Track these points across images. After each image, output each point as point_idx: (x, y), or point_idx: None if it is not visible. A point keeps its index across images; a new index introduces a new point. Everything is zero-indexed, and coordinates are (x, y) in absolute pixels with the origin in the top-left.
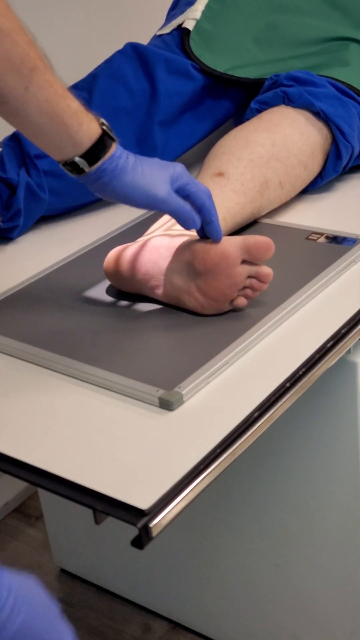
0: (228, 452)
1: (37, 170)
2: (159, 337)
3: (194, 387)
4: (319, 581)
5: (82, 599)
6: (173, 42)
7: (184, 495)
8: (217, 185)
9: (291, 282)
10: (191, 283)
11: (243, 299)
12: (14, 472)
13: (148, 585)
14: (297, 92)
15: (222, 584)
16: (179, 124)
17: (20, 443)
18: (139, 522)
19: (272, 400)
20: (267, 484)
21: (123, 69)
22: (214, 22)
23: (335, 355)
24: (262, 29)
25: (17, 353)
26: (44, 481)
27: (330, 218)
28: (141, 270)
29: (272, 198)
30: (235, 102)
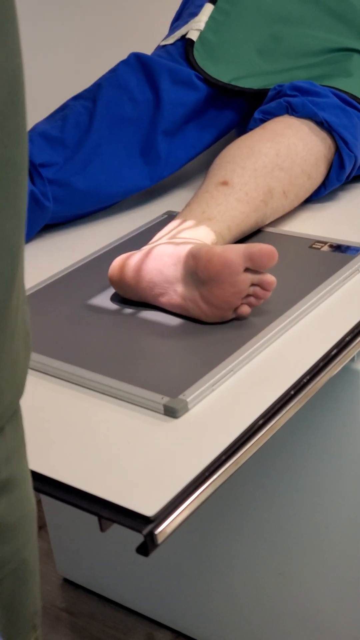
0: (233, 459)
1: (42, 179)
2: (163, 345)
3: (198, 394)
4: (323, 589)
5: (86, 609)
6: (177, 52)
7: (189, 502)
8: (221, 194)
9: (295, 291)
10: (195, 291)
11: (247, 307)
12: None
13: (151, 594)
14: (300, 102)
15: (226, 593)
16: (183, 134)
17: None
18: (145, 529)
19: (277, 407)
20: (271, 492)
21: (127, 79)
22: (217, 33)
23: (339, 363)
24: (266, 39)
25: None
26: (50, 488)
27: (333, 227)
28: (145, 278)
29: (276, 207)
30: (238, 112)
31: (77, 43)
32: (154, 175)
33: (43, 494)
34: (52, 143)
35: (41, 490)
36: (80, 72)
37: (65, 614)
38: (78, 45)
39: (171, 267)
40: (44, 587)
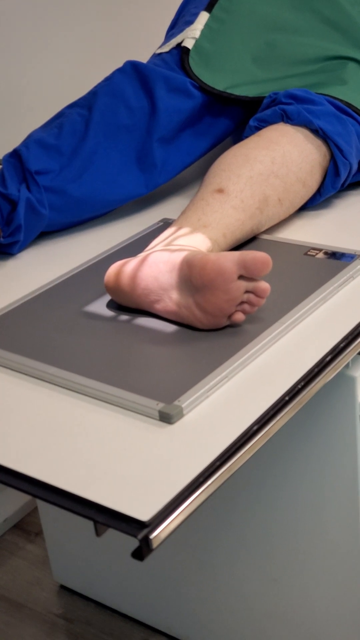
0: (228, 464)
1: (38, 186)
2: (158, 351)
3: (193, 400)
4: (318, 595)
5: (82, 615)
6: (172, 60)
7: (184, 507)
8: (217, 201)
9: (290, 298)
10: (189, 298)
11: (241, 314)
12: (15, 484)
13: (147, 600)
14: (295, 109)
15: (221, 598)
16: (179, 141)
17: (21, 456)
18: (140, 534)
19: (271, 413)
20: (266, 498)
21: (123, 87)
22: (213, 41)
23: (333, 369)
24: (261, 48)
25: (18, 367)
26: (45, 493)
27: (328, 234)
28: (141, 285)
29: (271, 215)
30: (234, 119)
31: (73, 51)
32: (149, 182)
33: (39, 499)
34: (48, 150)
35: (37, 496)
36: (76, 80)
37: (61, 621)
38: (74, 53)
39: (166, 274)
40: (41, 594)
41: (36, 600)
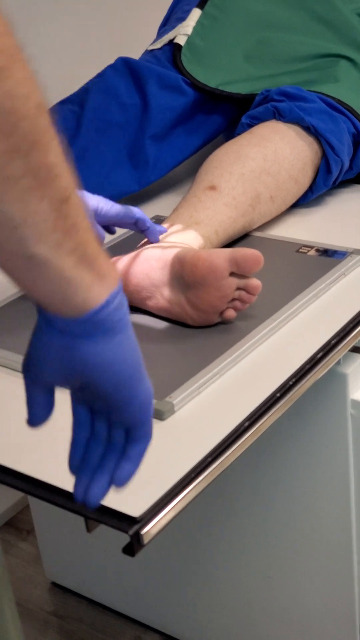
0: (219, 461)
1: None
2: (150, 348)
3: (185, 397)
4: (310, 592)
5: (74, 612)
6: (164, 57)
7: (175, 503)
8: (209, 198)
9: (281, 294)
10: (181, 295)
11: (232, 311)
12: (6, 480)
13: (140, 597)
14: (287, 107)
15: (214, 595)
16: (171, 139)
17: (12, 452)
18: (131, 530)
19: (262, 410)
20: (258, 495)
21: (115, 84)
22: (205, 38)
23: (325, 366)
24: (253, 45)
25: (9, 364)
26: (37, 490)
27: (320, 232)
28: (133, 281)
29: (263, 212)
30: (226, 116)
31: (65, 47)
32: (142, 179)
33: (30, 495)
34: None
35: (28, 492)
36: (68, 76)
37: (54, 618)
38: (66, 49)
39: (158, 271)
40: (33, 592)
41: (28, 597)
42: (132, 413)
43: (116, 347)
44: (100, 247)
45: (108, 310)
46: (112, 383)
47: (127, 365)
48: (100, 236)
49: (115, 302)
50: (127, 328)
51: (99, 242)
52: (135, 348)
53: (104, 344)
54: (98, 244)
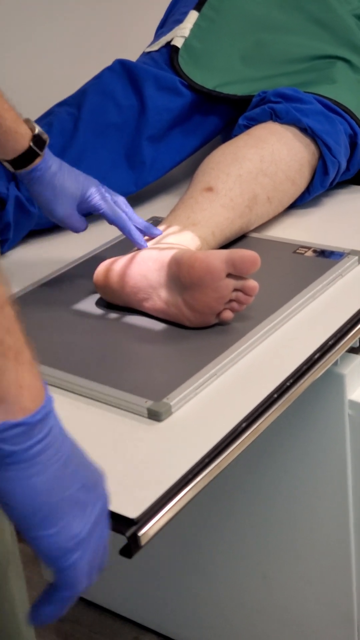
0: (216, 462)
1: None
2: (147, 349)
3: (182, 398)
4: (307, 593)
5: (71, 614)
6: (162, 59)
7: (172, 504)
8: (206, 200)
9: (278, 295)
10: (178, 296)
11: (229, 312)
12: None
13: (137, 599)
14: (284, 108)
15: (211, 596)
16: (168, 140)
17: None
18: (128, 531)
19: (260, 411)
20: (255, 495)
21: (112, 85)
22: (202, 40)
23: (322, 367)
24: (250, 47)
25: None
26: None
27: (317, 232)
28: (130, 283)
29: (260, 213)
30: (223, 118)
31: (63, 50)
32: (139, 181)
33: None
34: None
35: None
36: (65, 78)
37: None
38: (63, 51)
39: (155, 272)
40: (30, 593)
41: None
42: (39, 555)
43: (4, 481)
44: (19, 372)
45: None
46: (6, 513)
47: (17, 506)
48: (82, 226)
49: (9, 433)
50: (32, 467)
51: (19, 366)
52: (38, 493)
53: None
54: (16, 366)
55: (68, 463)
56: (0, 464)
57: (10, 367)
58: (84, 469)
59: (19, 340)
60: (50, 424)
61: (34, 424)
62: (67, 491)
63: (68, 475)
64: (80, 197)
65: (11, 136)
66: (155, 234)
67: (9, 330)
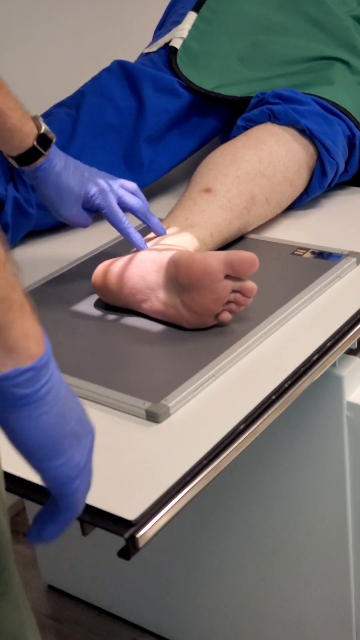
0: (214, 463)
1: (25, 186)
2: (145, 351)
3: (180, 399)
4: (306, 595)
5: (70, 615)
6: (160, 60)
7: (170, 506)
8: (204, 201)
9: (277, 297)
10: (176, 298)
11: (228, 314)
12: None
13: (136, 600)
14: (282, 109)
15: (210, 598)
16: (166, 141)
17: (7, 455)
18: (126, 533)
19: (258, 412)
20: (254, 497)
21: (110, 86)
22: (200, 41)
23: (320, 368)
24: (248, 48)
25: None
26: (33, 493)
27: (315, 234)
28: (128, 284)
29: (258, 214)
30: (221, 119)
31: (61, 51)
32: (137, 182)
33: (26, 498)
34: None
35: (24, 495)
36: (64, 79)
37: (50, 621)
38: (61, 52)
39: (153, 274)
40: (29, 595)
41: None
42: (47, 484)
43: (18, 420)
44: (24, 323)
45: (8, 383)
46: (19, 450)
47: (29, 442)
48: (87, 223)
49: (21, 378)
50: (41, 406)
51: (24, 317)
52: (47, 429)
53: (8, 413)
54: (21, 317)
55: (66, 401)
56: (13, 406)
57: (17, 319)
58: (76, 405)
59: (21, 293)
60: (51, 367)
61: (40, 368)
62: (68, 426)
63: (67, 411)
64: (84, 197)
65: (16, 134)
66: (160, 232)
67: (12, 285)
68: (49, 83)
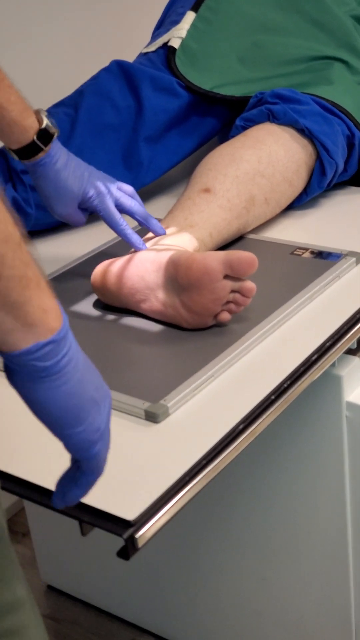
0: (213, 463)
1: (24, 186)
2: (144, 351)
3: (179, 399)
4: (306, 595)
5: (69, 615)
6: (159, 60)
7: (170, 506)
8: (203, 201)
9: (276, 297)
10: (175, 298)
11: (227, 314)
12: (1, 484)
13: (135, 600)
14: (281, 109)
15: (209, 598)
16: (165, 141)
17: (7, 456)
18: (125, 533)
19: (257, 412)
20: (252, 497)
21: (109, 86)
22: (199, 41)
23: (319, 368)
24: (247, 48)
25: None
26: (32, 493)
27: (315, 234)
28: (127, 284)
29: (257, 214)
30: (220, 119)
31: (59, 51)
32: (136, 182)
33: (25, 499)
34: None
35: (23, 496)
36: (62, 79)
37: (49, 621)
38: (60, 52)
39: (152, 274)
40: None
41: None
42: (70, 449)
43: (41, 391)
44: (41, 298)
45: (29, 357)
46: (42, 420)
47: (53, 411)
48: (80, 221)
49: (42, 351)
50: (62, 377)
51: (41, 293)
52: (69, 397)
53: (31, 385)
54: (38, 294)
55: (85, 370)
56: (35, 379)
57: (35, 296)
58: (93, 373)
59: (37, 271)
60: (70, 338)
61: (59, 341)
62: (87, 394)
63: (86, 380)
64: (82, 197)
65: (16, 128)
66: (160, 233)
67: (28, 264)
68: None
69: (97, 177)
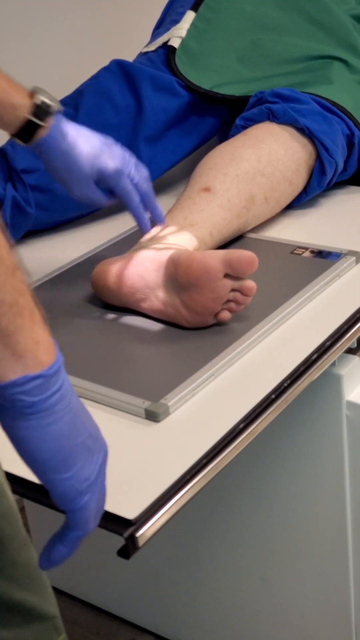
0: (214, 463)
1: (24, 185)
2: (145, 350)
3: (180, 398)
4: (306, 594)
5: (69, 615)
6: (158, 59)
7: (170, 505)
8: (203, 200)
9: (276, 296)
10: (175, 297)
11: (227, 313)
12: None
13: (134, 600)
14: (281, 108)
15: (209, 597)
16: (165, 140)
17: (7, 455)
18: (126, 532)
19: (258, 411)
20: (253, 496)
21: (109, 86)
22: (199, 41)
23: (319, 367)
24: (247, 47)
25: None
26: (32, 492)
27: (314, 233)
28: (127, 283)
29: (257, 213)
30: (220, 118)
31: (59, 50)
32: None
33: (26, 498)
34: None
35: (24, 495)
36: (62, 78)
37: None
38: (59, 52)
39: (152, 273)
40: None
41: None
42: (55, 499)
43: (27, 430)
44: (34, 330)
45: (16, 390)
46: (27, 462)
47: (37, 452)
48: (103, 201)
49: (30, 385)
50: (50, 415)
51: (34, 324)
52: (57, 439)
53: (17, 421)
54: (31, 324)
55: (78, 413)
56: (21, 415)
57: (27, 326)
58: (89, 420)
59: (30, 301)
60: (62, 376)
61: (50, 376)
62: (79, 438)
63: (79, 424)
64: (98, 176)
65: (3, 109)
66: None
67: (22, 292)
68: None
69: (115, 152)
